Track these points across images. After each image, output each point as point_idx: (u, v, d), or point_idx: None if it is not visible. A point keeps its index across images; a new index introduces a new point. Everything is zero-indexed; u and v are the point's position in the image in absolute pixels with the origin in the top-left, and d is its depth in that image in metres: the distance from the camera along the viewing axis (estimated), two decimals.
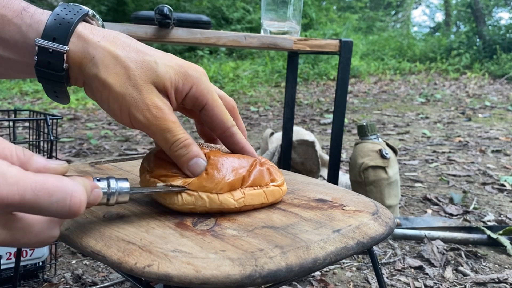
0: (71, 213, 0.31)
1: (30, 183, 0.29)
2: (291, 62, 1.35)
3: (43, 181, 0.29)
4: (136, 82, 0.42)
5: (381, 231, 0.46)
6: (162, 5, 0.87)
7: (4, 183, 0.28)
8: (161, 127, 0.43)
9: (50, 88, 0.45)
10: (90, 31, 0.43)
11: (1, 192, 0.28)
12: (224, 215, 0.46)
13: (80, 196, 0.31)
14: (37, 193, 0.29)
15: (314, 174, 1.68)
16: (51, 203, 0.30)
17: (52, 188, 0.30)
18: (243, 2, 7.67)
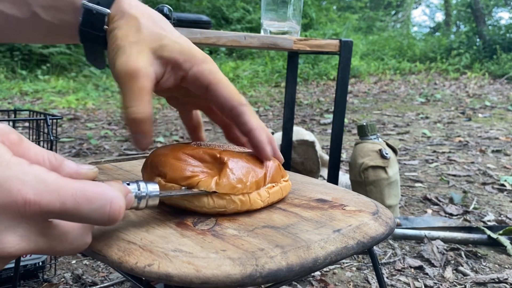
0: (110, 220, 0.30)
1: (71, 190, 0.29)
2: (291, 62, 1.35)
3: (83, 188, 0.29)
4: (137, 41, 0.43)
5: (382, 231, 0.46)
6: (162, 5, 0.87)
7: (45, 190, 0.28)
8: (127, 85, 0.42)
9: (90, 48, 0.48)
10: (128, 1, 0.46)
11: (43, 199, 0.28)
12: (225, 215, 0.46)
13: (120, 203, 0.31)
14: (77, 200, 0.29)
15: (314, 174, 1.68)
16: (92, 210, 0.29)
17: (93, 195, 0.29)
18: (243, 2, 7.66)
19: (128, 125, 0.42)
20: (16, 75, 5.58)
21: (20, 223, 0.28)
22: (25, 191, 0.27)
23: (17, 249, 0.28)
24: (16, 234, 0.28)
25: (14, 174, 0.27)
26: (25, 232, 0.28)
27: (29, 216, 0.28)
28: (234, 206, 0.45)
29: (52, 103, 4.28)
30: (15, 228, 0.28)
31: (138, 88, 0.41)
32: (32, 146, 0.32)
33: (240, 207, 0.45)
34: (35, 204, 0.27)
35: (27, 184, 0.27)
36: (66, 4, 0.47)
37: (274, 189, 0.48)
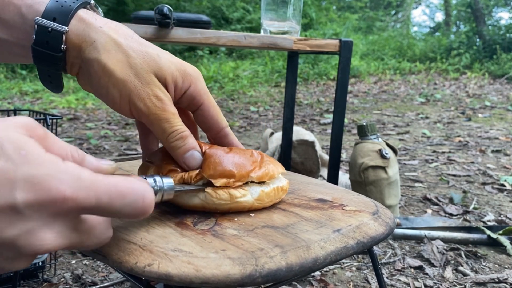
0: (143, 213, 0.31)
1: (104, 186, 0.29)
2: (291, 62, 1.35)
3: (115, 183, 0.30)
4: (137, 71, 0.42)
5: (381, 231, 0.46)
6: (162, 5, 0.87)
7: (80, 187, 0.28)
8: (160, 116, 0.43)
9: (45, 71, 0.44)
10: (92, 16, 0.43)
11: (78, 195, 0.28)
12: (225, 215, 0.46)
13: (151, 197, 0.32)
14: (111, 196, 0.29)
15: (314, 174, 1.68)
16: (125, 205, 0.30)
17: (126, 190, 0.30)
18: (243, 2, 7.66)
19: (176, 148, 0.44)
20: (16, 75, 5.58)
21: (56, 220, 0.28)
22: (62, 188, 0.28)
23: (54, 246, 0.29)
24: (53, 231, 0.28)
25: (50, 172, 0.28)
26: (60, 228, 0.29)
27: (65, 213, 0.28)
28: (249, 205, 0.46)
29: (52, 103, 4.28)
30: (52, 224, 0.28)
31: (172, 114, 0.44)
32: (57, 140, 0.32)
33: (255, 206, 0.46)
34: (73, 201, 0.28)
35: (64, 182, 0.28)
36: (14, 18, 0.41)
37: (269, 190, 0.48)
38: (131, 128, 3.37)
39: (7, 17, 0.41)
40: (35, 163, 0.27)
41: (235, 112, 4.25)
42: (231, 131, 0.50)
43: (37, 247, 0.28)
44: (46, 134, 0.31)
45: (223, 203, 0.45)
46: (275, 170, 0.49)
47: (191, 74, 0.46)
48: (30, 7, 0.41)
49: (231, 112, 4.21)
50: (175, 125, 0.44)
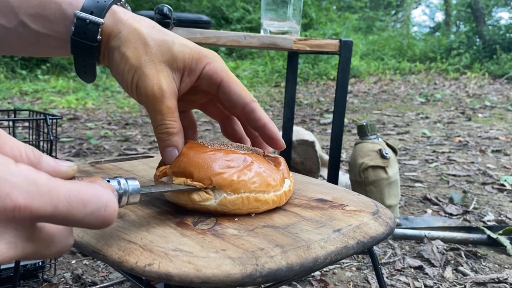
0: (104, 224, 0.29)
1: (64, 193, 0.27)
2: (291, 62, 1.35)
3: (76, 190, 0.27)
4: (151, 59, 0.44)
5: (382, 231, 0.46)
6: (162, 5, 0.88)
7: (36, 193, 0.26)
8: (155, 107, 0.45)
9: (81, 60, 0.47)
10: (122, 10, 0.47)
11: (34, 203, 0.26)
12: (225, 215, 0.46)
13: (114, 206, 0.29)
14: (71, 204, 0.27)
15: (314, 174, 1.68)
16: (86, 214, 0.28)
17: (87, 198, 0.28)
18: (243, 2, 7.66)
19: (160, 140, 0.45)
20: (16, 75, 5.58)
21: (8, 230, 0.26)
22: (14, 194, 0.25)
23: (4, 258, 0.26)
24: (3, 242, 0.26)
25: (1, 176, 0.25)
26: (12, 239, 0.26)
27: (17, 222, 0.26)
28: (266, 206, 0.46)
29: (52, 103, 4.28)
30: (3, 235, 0.26)
31: (167, 107, 0.45)
32: (9, 139, 0.29)
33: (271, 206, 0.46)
34: (26, 209, 0.25)
35: (16, 187, 0.25)
36: (55, 13, 0.46)
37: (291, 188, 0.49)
38: (131, 128, 3.37)
39: (49, 13, 0.45)
40: None
41: None
42: (259, 107, 0.48)
43: None
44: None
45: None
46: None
47: (206, 55, 0.47)
48: (70, 4, 0.45)
49: None
50: (166, 119, 0.45)
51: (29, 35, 0.47)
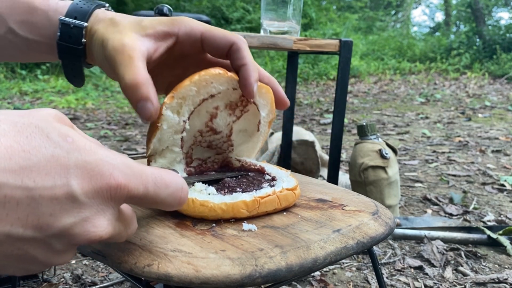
0: (180, 203, 0.33)
1: (151, 175, 0.30)
2: (291, 62, 1.35)
3: (159, 174, 0.31)
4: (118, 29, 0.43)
5: (381, 231, 0.46)
6: (161, 5, 0.87)
7: (132, 175, 0.29)
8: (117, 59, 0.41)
9: (69, 64, 0.48)
10: (103, 12, 0.48)
11: (131, 183, 0.28)
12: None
13: (187, 188, 0.33)
14: (157, 185, 0.30)
15: (314, 174, 1.68)
16: (168, 194, 0.31)
17: (168, 180, 0.31)
18: (243, 2, 7.66)
19: (130, 98, 0.41)
20: (15, 75, 5.58)
21: (108, 207, 0.28)
22: (116, 174, 0.28)
23: (106, 233, 0.28)
24: (105, 218, 0.28)
25: (102, 158, 0.28)
26: (110, 216, 0.29)
27: (116, 200, 0.28)
28: (214, 214, 0.44)
29: (52, 103, 4.28)
30: (105, 211, 0.28)
31: (128, 57, 0.41)
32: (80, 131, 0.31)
33: (221, 215, 0.44)
34: (125, 188, 0.28)
35: (117, 168, 0.28)
36: (42, 20, 0.47)
37: (268, 198, 0.46)
38: (131, 128, 3.37)
39: (36, 20, 0.47)
40: (84, 150, 0.27)
41: None
42: (246, 46, 0.46)
43: (91, 235, 0.27)
44: (72, 125, 0.30)
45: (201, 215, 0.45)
46: None
47: (178, 20, 0.46)
48: (55, 11, 0.47)
49: None
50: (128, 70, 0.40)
51: (18, 42, 0.48)
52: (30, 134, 0.26)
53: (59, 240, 0.27)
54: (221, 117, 0.50)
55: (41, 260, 0.27)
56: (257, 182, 0.50)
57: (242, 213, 0.44)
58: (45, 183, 0.25)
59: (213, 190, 0.46)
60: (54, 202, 0.25)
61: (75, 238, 0.27)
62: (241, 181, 0.50)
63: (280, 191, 0.47)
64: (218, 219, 0.44)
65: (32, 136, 0.26)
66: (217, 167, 0.55)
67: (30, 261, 0.27)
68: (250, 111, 0.52)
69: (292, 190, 0.48)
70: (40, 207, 0.25)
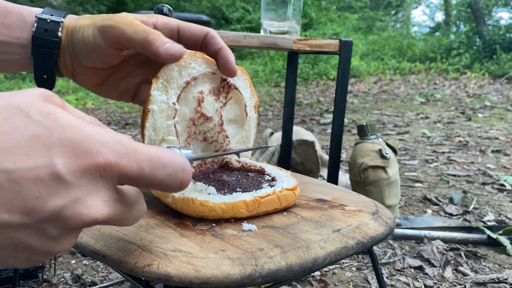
0: (181, 186, 0.30)
1: (146, 154, 0.28)
2: (291, 62, 1.35)
3: (157, 152, 0.29)
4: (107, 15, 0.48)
5: (381, 231, 0.46)
6: (161, 5, 0.87)
7: (123, 152, 0.27)
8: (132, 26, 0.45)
9: (41, 62, 0.49)
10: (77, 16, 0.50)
11: (122, 160, 0.26)
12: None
13: (189, 169, 0.31)
14: (153, 164, 0.28)
15: (314, 174, 1.68)
16: (166, 175, 0.29)
17: (166, 160, 0.29)
18: (243, 2, 7.66)
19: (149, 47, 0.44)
20: (15, 75, 5.58)
21: (101, 187, 0.27)
22: (104, 151, 0.26)
23: (102, 214, 0.26)
24: (99, 198, 0.26)
25: (88, 135, 0.26)
26: (105, 197, 0.27)
27: (108, 179, 0.27)
28: (214, 213, 0.44)
29: None
30: (98, 192, 0.26)
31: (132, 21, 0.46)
32: (73, 109, 0.29)
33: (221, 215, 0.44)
34: (116, 165, 0.26)
35: (105, 144, 0.26)
36: (17, 22, 0.48)
37: (268, 198, 0.46)
38: (131, 128, 3.37)
39: (10, 22, 0.48)
40: (69, 127, 0.25)
41: None
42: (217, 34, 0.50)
43: (85, 216, 0.26)
44: (63, 103, 0.29)
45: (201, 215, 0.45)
46: None
47: (154, 15, 0.49)
48: (30, 12, 0.48)
49: None
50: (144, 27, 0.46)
51: None
52: (8, 115, 0.25)
53: (51, 225, 0.25)
54: (208, 102, 0.52)
55: (38, 249, 0.26)
56: (257, 182, 0.50)
57: (242, 213, 0.44)
58: (26, 164, 0.24)
59: (213, 190, 0.46)
60: (39, 184, 0.24)
61: (67, 221, 0.25)
62: (241, 181, 0.50)
63: (280, 191, 0.47)
64: (218, 219, 0.44)
65: (10, 117, 0.25)
66: (217, 167, 0.55)
67: (27, 250, 0.26)
68: (234, 98, 0.55)
69: (292, 190, 0.49)
70: (24, 190, 0.24)
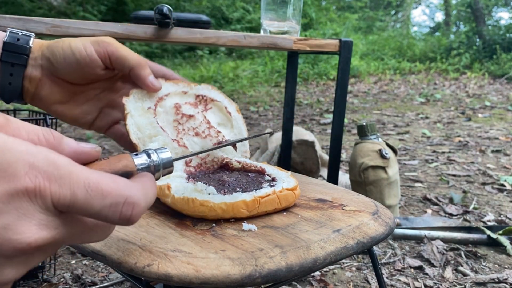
0: (121, 220, 0.27)
1: (83, 179, 0.25)
2: (291, 62, 1.35)
3: (97, 179, 0.26)
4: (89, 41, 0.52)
5: (381, 231, 0.46)
6: (161, 5, 0.87)
7: (56, 175, 0.24)
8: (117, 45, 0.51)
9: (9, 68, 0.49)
10: None
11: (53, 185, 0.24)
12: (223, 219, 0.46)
13: (135, 201, 0.27)
14: (89, 192, 0.25)
15: (314, 174, 1.68)
16: (103, 206, 0.26)
17: (107, 189, 0.26)
18: (243, 2, 7.66)
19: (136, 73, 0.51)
20: None
21: (34, 211, 0.24)
22: (33, 174, 0.24)
23: (36, 239, 0.24)
24: (32, 223, 0.24)
25: (18, 156, 0.24)
26: (42, 221, 0.25)
27: (40, 203, 0.24)
28: (214, 213, 0.44)
29: None
30: (29, 216, 0.24)
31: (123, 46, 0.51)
32: (21, 124, 0.27)
33: (221, 215, 0.44)
34: (45, 191, 0.24)
35: (36, 167, 0.24)
36: None
37: (268, 198, 0.46)
38: None
39: None
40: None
41: None
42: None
43: (15, 243, 0.24)
44: (7, 120, 0.27)
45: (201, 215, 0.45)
46: None
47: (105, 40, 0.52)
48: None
49: None
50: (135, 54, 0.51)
51: None
52: None
53: None
54: (186, 108, 0.55)
55: None
56: (257, 182, 0.50)
57: (242, 213, 0.44)
58: None
59: (213, 190, 0.46)
60: None
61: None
62: (241, 181, 0.50)
63: (280, 191, 0.47)
64: (218, 219, 0.44)
65: None
66: (217, 167, 0.55)
67: None
68: (213, 108, 0.58)
69: (292, 190, 0.49)
70: None
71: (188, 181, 0.49)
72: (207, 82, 4.55)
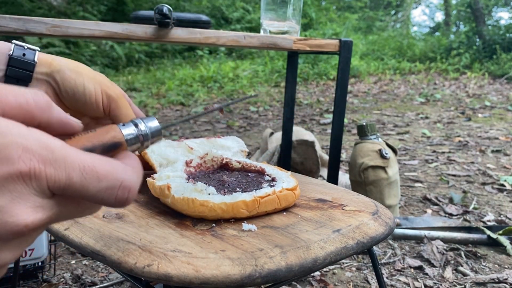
0: (117, 202, 0.27)
1: (78, 163, 0.25)
2: (291, 62, 1.35)
3: (92, 162, 0.26)
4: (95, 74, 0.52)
5: (381, 231, 0.46)
6: (161, 5, 0.87)
7: (50, 158, 0.25)
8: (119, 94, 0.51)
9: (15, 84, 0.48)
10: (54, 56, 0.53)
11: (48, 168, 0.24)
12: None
13: (130, 185, 0.28)
14: (85, 176, 0.26)
15: (314, 174, 1.68)
16: (99, 189, 0.26)
17: (102, 172, 0.26)
18: (243, 2, 7.67)
19: None
20: None
21: (28, 194, 0.24)
22: (27, 157, 0.24)
23: (33, 220, 0.25)
24: (27, 205, 0.24)
25: (11, 140, 0.24)
26: (36, 203, 0.25)
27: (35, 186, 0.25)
28: (214, 214, 0.44)
29: None
30: (24, 198, 0.24)
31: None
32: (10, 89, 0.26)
33: (221, 215, 0.44)
34: (40, 174, 0.24)
35: (30, 150, 0.24)
36: None
37: (268, 198, 0.46)
38: None
39: None
40: None
41: (235, 112, 4.25)
42: None
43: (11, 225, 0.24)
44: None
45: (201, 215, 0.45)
46: None
47: None
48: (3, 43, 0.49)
49: (231, 112, 4.21)
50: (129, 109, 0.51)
51: None
52: None
53: None
54: None
55: None
56: (257, 182, 0.50)
57: (242, 213, 0.44)
58: None
59: (213, 190, 0.46)
60: None
61: None
62: (241, 181, 0.50)
63: (280, 191, 0.47)
64: (218, 219, 0.44)
65: None
66: (217, 167, 0.55)
67: None
68: None
69: (292, 190, 0.49)
70: None
71: (188, 181, 0.49)
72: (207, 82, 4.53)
